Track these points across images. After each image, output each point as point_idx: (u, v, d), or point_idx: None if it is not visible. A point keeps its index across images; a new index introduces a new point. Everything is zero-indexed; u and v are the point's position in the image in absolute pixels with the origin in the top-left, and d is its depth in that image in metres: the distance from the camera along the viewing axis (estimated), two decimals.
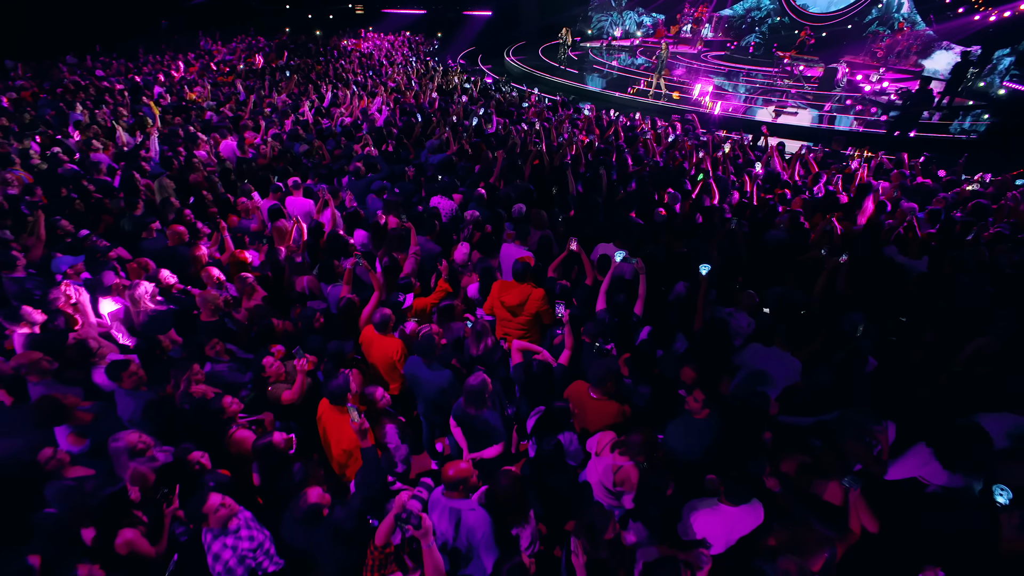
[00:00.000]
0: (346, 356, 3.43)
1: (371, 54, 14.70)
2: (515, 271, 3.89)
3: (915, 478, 2.73)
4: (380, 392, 3.25)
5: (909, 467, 2.80)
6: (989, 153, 9.22)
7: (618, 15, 22.63)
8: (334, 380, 2.99)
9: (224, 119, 8.69)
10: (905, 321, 4.26)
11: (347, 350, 3.44)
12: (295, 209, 5.68)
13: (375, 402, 3.22)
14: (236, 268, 4.60)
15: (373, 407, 3.22)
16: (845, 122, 12.49)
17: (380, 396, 3.23)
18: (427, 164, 6.85)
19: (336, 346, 3.41)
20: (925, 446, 2.88)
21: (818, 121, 12.41)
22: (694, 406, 3.08)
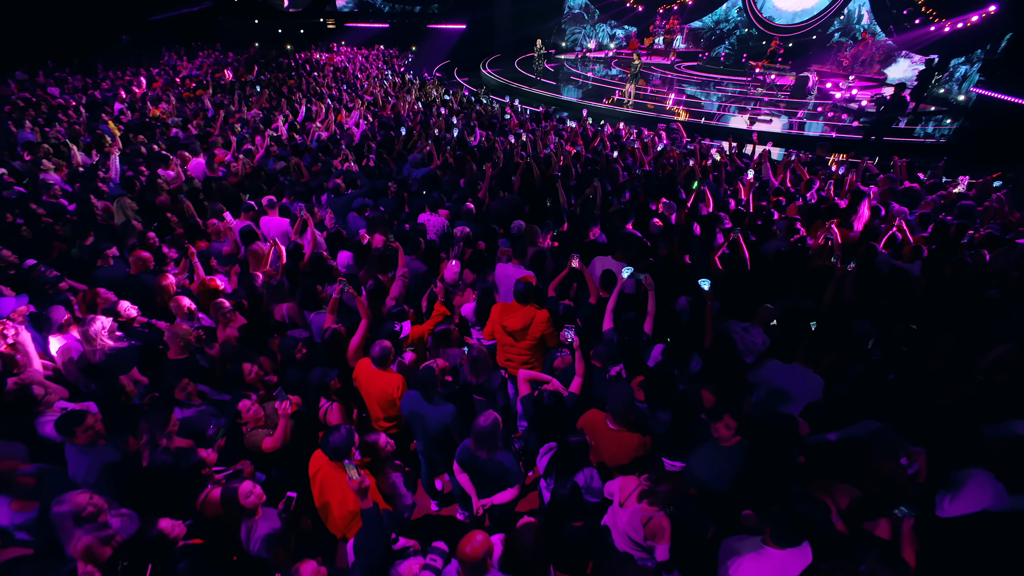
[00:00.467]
0: (330, 387, 3.07)
1: (345, 68, 14.36)
2: (517, 292, 3.62)
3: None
4: (384, 439, 2.90)
5: (974, 500, 2.60)
6: (956, 156, 9.50)
7: (591, 28, 22.92)
8: (335, 434, 2.60)
9: (190, 136, 8.22)
10: (914, 328, 4.14)
11: (329, 377, 3.08)
12: (270, 230, 5.30)
13: (379, 451, 2.87)
14: (207, 297, 4.20)
15: (377, 457, 2.87)
16: (817, 128, 12.78)
17: (384, 444, 2.88)
18: (410, 179, 6.56)
19: (320, 375, 3.05)
20: (982, 472, 2.69)
21: (789, 128, 12.66)
22: (724, 433, 2.85)
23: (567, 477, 2.79)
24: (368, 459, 2.80)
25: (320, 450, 2.72)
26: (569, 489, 2.68)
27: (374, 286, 4.00)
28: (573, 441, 2.78)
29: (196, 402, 3.26)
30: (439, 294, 3.80)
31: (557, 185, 5.64)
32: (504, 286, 4.33)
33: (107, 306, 3.65)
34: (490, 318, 3.80)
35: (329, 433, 2.63)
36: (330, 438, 2.61)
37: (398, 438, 3.55)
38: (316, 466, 2.74)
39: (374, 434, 2.92)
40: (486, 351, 3.35)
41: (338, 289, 3.61)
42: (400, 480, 2.81)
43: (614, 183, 6.13)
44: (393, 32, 21.55)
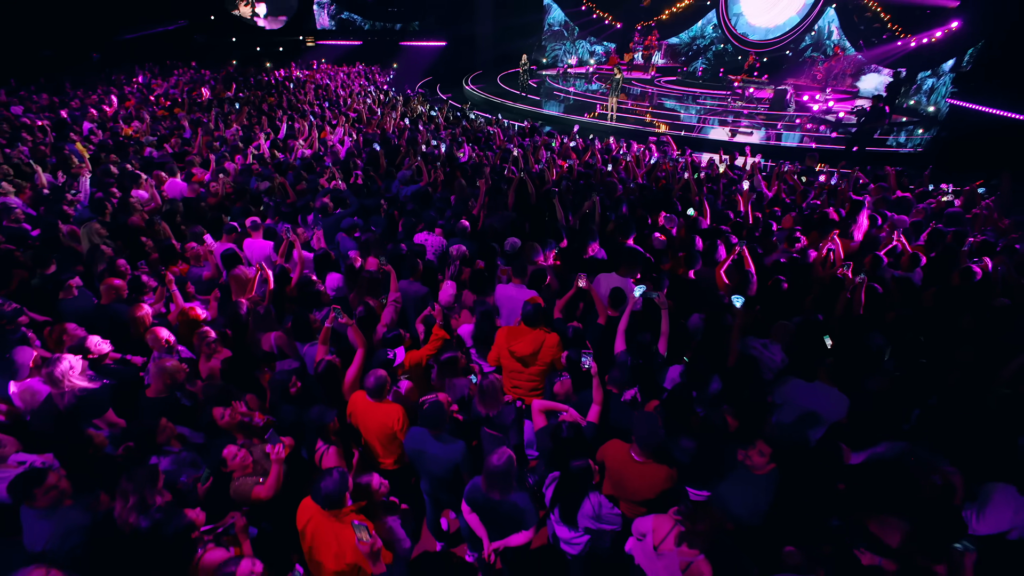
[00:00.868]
0: (328, 428, 2.79)
1: (327, 85, 14.15)
2: (526, 315, 3.41)
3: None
4: (377, 481, 2.64)
5: (1001, 519, 2.48)
6: (935, 164, 9.74)
7: (571, 44, 23.25)
8: (326, 479, 2.34)
9: (166, 155, 7.87)
10: (925, 340, 4.06)
11: (327, 418, 2.80)
12: (254, 253, 5.01)
13: (373, 494, 2.60)
14: (187, 327, 3.88)
15: (371, 500, 2.60)
16: (794, 139, 13.08)
17: (378, 485, 2.62)
18: (400, 196, 6.34)
19: (318, 413, 2.77)
20: (1006, 487, 2.58)
21: (767, 140, 12.92)
22: (758, 461, 2.67)
23: (574, 505, 2.58)
24: (363, 503, 2.54)
25: (309, 497, 2.44)
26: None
27: (364, 312, 3.74)
28: (575, 467, 2.57)
29: (174, 448, 2.95)
30: (437, 317, 3.57)
31: (554, 200, 5.49)
32: (506, 308, 4.12)
33: (74, 343, 3.32)
34: (496, 342, 3.58)
35: (320, 479, 2.36)
36: (321, 484, 2.33)
37: (399, 475, 3.30)
38: (306, 516, 2.45)
39: (366, 475, 2.66)
40: (499, 381, 3.12)
41: (331, 317, 3.35)
42: (397, 524, 2.55)
43: (611, 197, 6.02)
44: (365, 49, 21.44)
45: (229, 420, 2.83)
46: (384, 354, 3.29)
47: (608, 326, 3.77)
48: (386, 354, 3.29)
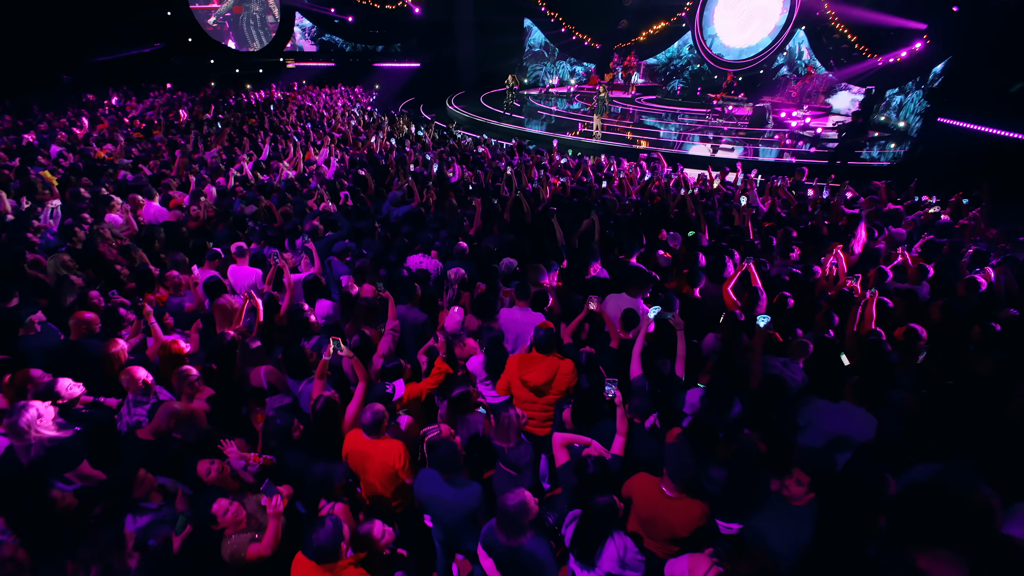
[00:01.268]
0: (335, 487, 2.52)
1: (310, 106, 13.97)
2: (538, 341, 3.22)
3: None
4: (379, 528, 2.39)
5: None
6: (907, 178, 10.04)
7: (551, 65, 23.64)
8: (320, 530, 2.10)
9: (141, 178, 7.53)
10: (940, 353, 4.00)
11: (338, 476, 2.54)
12: (239, 281, 4.72)
13: (374, 544, 2.35)
14: (168, 363, 3.57)
15: (373, 551, 2.35)
16: (773, 155, 13.42)
17: (380, 534, 2.37)
18: (392, 218, 6.14)
19: (324, 472, 2.50)
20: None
21: (745, 155, 13.21)
22: (796, 491, 2.50)
23: (596, 547, 2.37)
24: (363, 554, 2.29)
25: (302, 552, 2.19)
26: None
27: (359, 342, 3.51)
28: (599, 504, 2.36)
29: (153, 503, 2.63)
30: (440, 348, 3.35)
31: (553, 220, 5.36)
32: (512, 333, 3.93)
33: (41, 388, 2.99)
34: (506, 371, 3.37)
35: (312, 530, 2.12)
36: (313, 536, 2.10)
37: (403, 517, 3.04)
38: (299, 574, 2.20)
39: (367, 523, 2.41)
40: (518, 414, 2.90)
41: (328, 349, 3.11)
42: None
43: (610, 215, 5.93)
44: (338, 70, 21.39)
45: (217, 476, 2.54)
46: (382, 388, 3.05)
47: (621, 350, 3.61)
48: (384, 387, 3.04)
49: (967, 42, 10.02)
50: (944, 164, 9.24)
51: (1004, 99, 8.71)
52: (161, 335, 3.83)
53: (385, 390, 3.03)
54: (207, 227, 6.13)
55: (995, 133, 8.62)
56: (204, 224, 6.14)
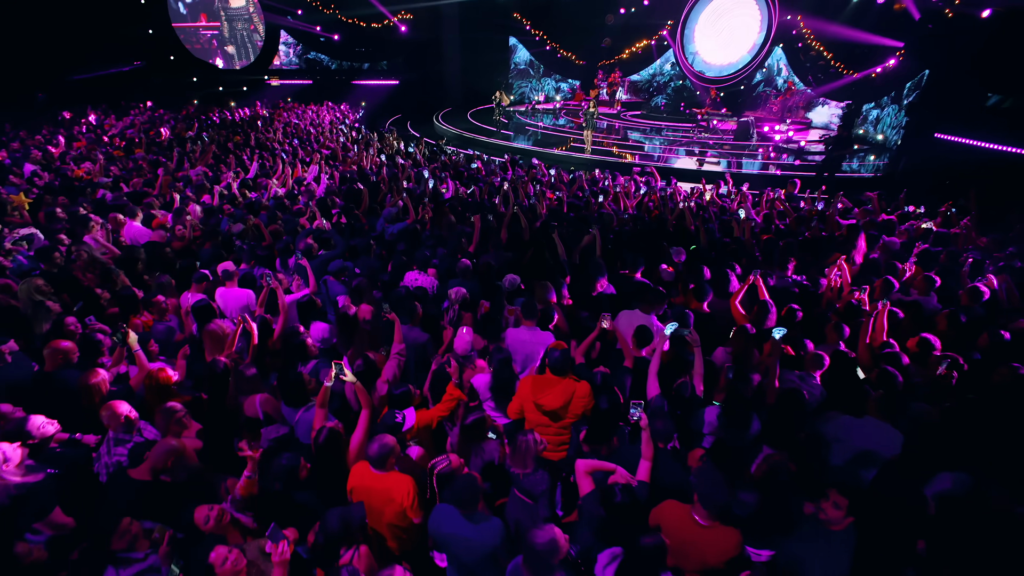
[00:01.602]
0: (355, 533, 2.31)
1: (296, 124, 13.80)
2: (554, 363, 3.08)
3: None
4: (399, 573, 2.19)
5: None
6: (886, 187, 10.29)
7: (537, 82, 23.91)
8: None
9: (122, 197, 7.24)
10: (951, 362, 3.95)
11: (355, 520, 2.32)
12: (229, 304, 4.49)
13: None
14: (155, 394, 3.33)
15: None
16: (757, 167, 13.67)
17: None
18: (386, 235, 5.98)
19: (341, 518, 2.27)
20: None
21: (731, 167, 13.45)
22: (834, 515, 2.38)
23: None
24: None
25: None
26: None
27: (363, 367, 3.31)
28: (648, 544, 2.20)
29: (140, 552, 2.39)
30: (452, 373, 3.18)
31: (554, 235, 5.26)
32: (520, 353, 3.78)
33: (11, 426, 2.73)
34: (518, 394, 3.21)
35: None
36: None
37: (411, 557, 2.82)
38: None
39: (388, 569, 2.20)
40: (536, 439, 2.74)
41: (330, 375, 2.91)
42: None
43: (608, 230, 5.85)
44: (315, 89, 21.28)
45: (216, 524, 2.31)
46: (391, 417, 2.85)
47: (636, 369, 3.48)
48: (394, 417, 2.85)
49: (946, 58, 10.38)
50: (929, 175, 9.44)
51: (983, 112, 9.04)
52: (146, 363, 3.58)
53: (395, 419, 2.83)
54: (192, 247, 5.89)
55: (976, 145, 8.87)
56: (190, 244, 5.90)
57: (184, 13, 19.83)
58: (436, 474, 2.65)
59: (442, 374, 3.22)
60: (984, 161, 8.45)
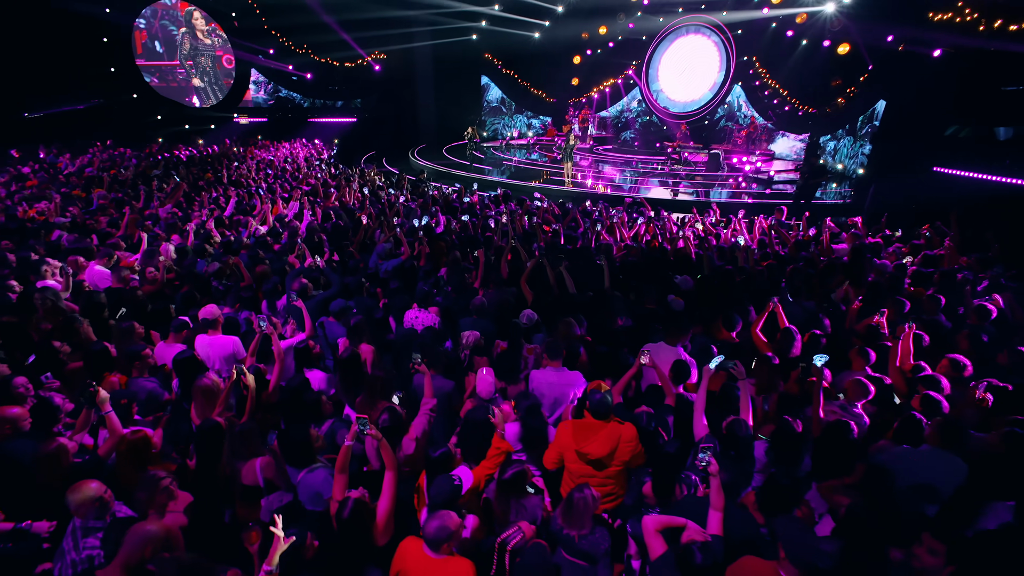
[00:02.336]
0: None
1: (270, 160, 13.41)
2: (595, 406, 2.79)
3: None
4: None
5: None
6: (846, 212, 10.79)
7: (509, 118, 24.47)
8: None
9: (82, 239, 6.64)
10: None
11: None
12: (213, 353, 4.02)
13: None
14: (131, 463, 2.83)
15: None
16: (726, 196, 14.18)
17: None
18: (381, 272, 5.65)
19: None
20: None
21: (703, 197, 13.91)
22: (930, 562, 2.15)
23: None
24: None
25: None
26: None
27: (390, 421, 2.94)
28: None
29: None
30: (498, 424, 2.83)
31: (561, 269, 5.06)
32: (548, 397, 3.48)
33: None
34: (557, 442, 2.89)
35: None
36: None
37: None
38: None
39: None
40: (593, 495, 2.42)
41: (351, 431, 2.53)
42: None
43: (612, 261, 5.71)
44: (271, 126, 21.05)
45: None
46: (448, 481, 2.43)
47: (679, 407, 3.24)
48: (451, 482, 2.43)
49: (903, 92, 11.17)
50: (902, 201, 9.87)
51: (943, 141, 9.68)
52: (119, 428, 3.07)
53: (453, 483, 2.42)
54: (165, 291, 5.38)
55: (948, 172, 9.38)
56: (162, 288, 5.38)
57: (161, 51, 19.43)
58: (509, 551, 2.28)
59: (477, 424, 2.87)
60: (949, 186, 8.93)
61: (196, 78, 19.90)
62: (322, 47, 20.11)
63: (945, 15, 9.45)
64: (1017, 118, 8.87)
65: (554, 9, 19.53)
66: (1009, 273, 5.74)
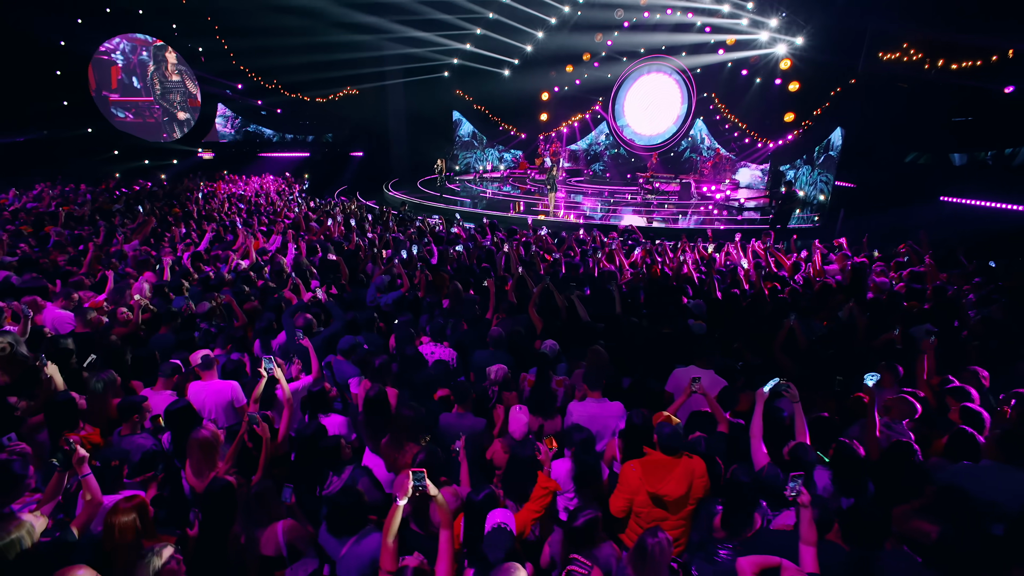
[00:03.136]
0: None
1: (241, 194, 12.87)
2: (665, 440, 2.58)
3: None
4: None
5: None
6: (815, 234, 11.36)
7: (481, 152, 24.81)
8: None
9: (37, 278, 6.00)
10: None
11: None
12: (207, 402, 3.58)
13: None
14: (123, 536, 2.38)
15: None
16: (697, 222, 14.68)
17: None
18: (383, 305, 5.33)
19: None
20: None
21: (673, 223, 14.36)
22: None
23: None
24: None
25: None
26: None
27: (429, 463, 2.61)
28: None
29: None
30: (544, 460, 2.57)
31: (573, 297, 4.92)
32: (592, 431, 3.23)
33: None
34: (624, 483, 2.64)
35: None
36: None
37: None
38: None
39: None
40: (668, 539, 2.17)
41: (402, 490, 2.21)
42: None
43: (629, 288, 5.64)
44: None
45: None
46: (503, 535, 2.14)
47: (732, 433, 3.07)
48: (504, 531, 2.13)
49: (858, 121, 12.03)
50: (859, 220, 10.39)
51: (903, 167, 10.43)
52: (99, 494, 2.61)
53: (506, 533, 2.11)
54: (140, 333, 4.85)
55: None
56: (137, 330, 4.86)
57: (139, 87, 18.75)
58: None
59: (524, 462, 2.59)
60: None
61: (181, 111, 19.26)
62: (294, 84, 19.98)
63: (894, 55, 10.37)
64: (967, 146, 9.69)
65: (523, 48, 20.27)
66: (988, 287, 6.02)
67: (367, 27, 16.88)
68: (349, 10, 15.75)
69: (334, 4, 15.31)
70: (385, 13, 16.61)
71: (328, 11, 15.65)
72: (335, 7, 15.43)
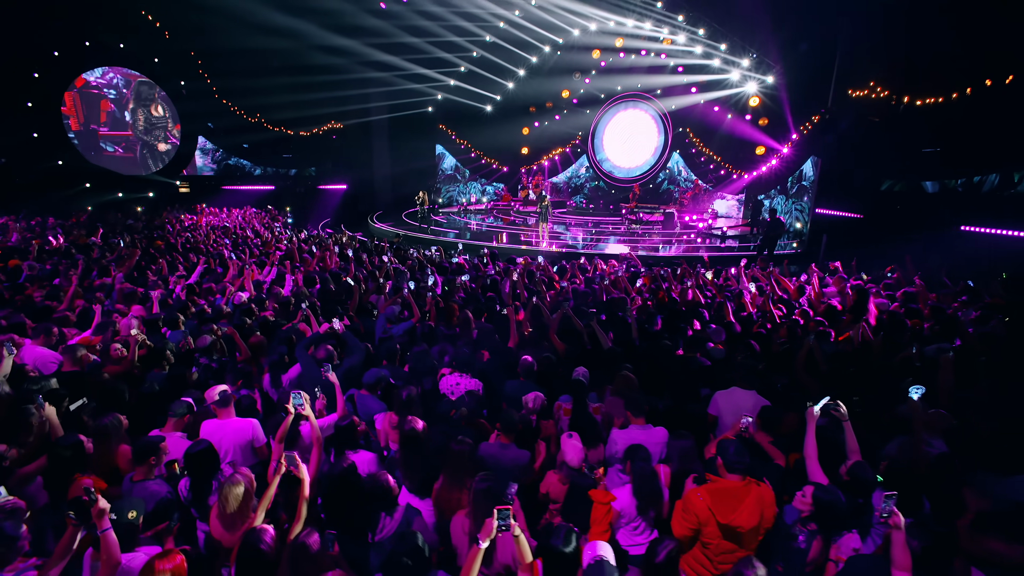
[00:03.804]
0: None
1: (225, 226, 12.52)
2: (731, 461, 2.49)
3: None
4: None
5: None
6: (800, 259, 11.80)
7: (464, 185, 25.10)
8: None
9: (15, 314, 5.59)
10: None
11: None
12: (224, 442, 3.31)
13: None
14: None
15: None
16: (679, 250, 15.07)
17: None
18: (396, 337, 5.15)
19: None
20: None
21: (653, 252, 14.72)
22: None
23: None
24: None
25: None
26: None
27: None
28: None
29: None
30: (601, 498, 2.43)
31: (593, 324, 4.87)
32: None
33: None
34: (692, 512, 2.51)
35: None
36: None
37: None
38: None
39: None
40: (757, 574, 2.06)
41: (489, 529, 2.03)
42: None
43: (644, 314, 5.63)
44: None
45: None
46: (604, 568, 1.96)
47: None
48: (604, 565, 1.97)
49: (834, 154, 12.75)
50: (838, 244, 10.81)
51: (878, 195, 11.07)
52: (118, 554, 2.33)
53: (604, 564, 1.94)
54: (135, 371, 4.52)
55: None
56: (130, 367, 4.53)
57: (128, 120, 18.38)
58: None
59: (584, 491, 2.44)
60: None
61: (161, 142, 18.87)
62: (280, 120, 19.98)
63: (861, 92, 11.15)
64: (937, 174, 10.37)
65: (505, 86, 20.93)
66: (980, 304, 6.27)
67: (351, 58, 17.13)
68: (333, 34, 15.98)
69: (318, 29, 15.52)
70: (372, 47, 16.95)
71: (312, 39, 15.85)
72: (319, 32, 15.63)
